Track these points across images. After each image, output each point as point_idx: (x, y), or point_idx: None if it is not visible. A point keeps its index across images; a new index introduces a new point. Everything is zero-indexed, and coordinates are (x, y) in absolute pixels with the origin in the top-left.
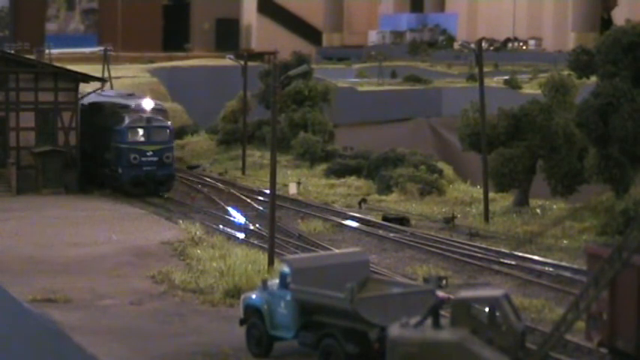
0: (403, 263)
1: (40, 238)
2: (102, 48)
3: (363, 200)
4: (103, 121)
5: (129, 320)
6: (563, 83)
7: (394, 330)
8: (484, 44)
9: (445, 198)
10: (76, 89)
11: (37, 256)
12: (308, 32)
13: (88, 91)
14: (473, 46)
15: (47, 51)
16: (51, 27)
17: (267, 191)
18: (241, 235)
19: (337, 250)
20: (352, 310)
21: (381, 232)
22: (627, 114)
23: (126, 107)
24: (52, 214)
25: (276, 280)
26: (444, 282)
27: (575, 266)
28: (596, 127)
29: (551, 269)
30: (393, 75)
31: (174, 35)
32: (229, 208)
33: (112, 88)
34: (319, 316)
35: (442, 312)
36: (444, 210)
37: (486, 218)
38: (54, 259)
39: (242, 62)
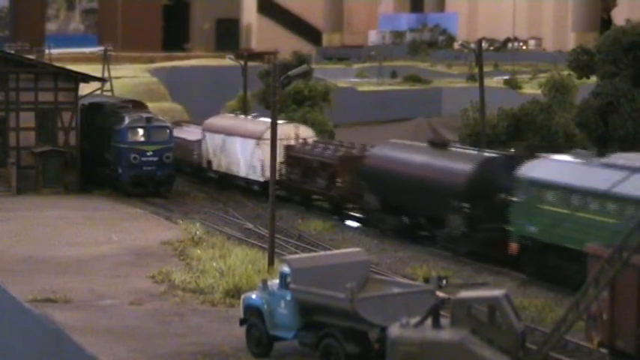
0: (403, 263)
1: (40, 238)
2: (102, 48)
3: None
4: (103, 121)
5: (129, 320)
6: (563, 83)
7: (394, 330)
8: (484, 44)
9: None
10: (76, 89)
11: (37, 256)
12: (308, 32)
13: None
14: (473, 46)
15: (47, 51)
16: (51, 27)
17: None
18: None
19: (337, 250)
20: (352, 310)
21: (381, 231)
22: (627, 114)
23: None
24: (52, 214)
25: (276, 280)
26: (444, 282)
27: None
28: (596, 127)
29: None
30: (393, 75)
31: (174, 35)
32: None
33: (111, 88)
34: (319, 316)
35: (442, 312)
36: None
37: None
38: (54, 259)
39: (242, 62)
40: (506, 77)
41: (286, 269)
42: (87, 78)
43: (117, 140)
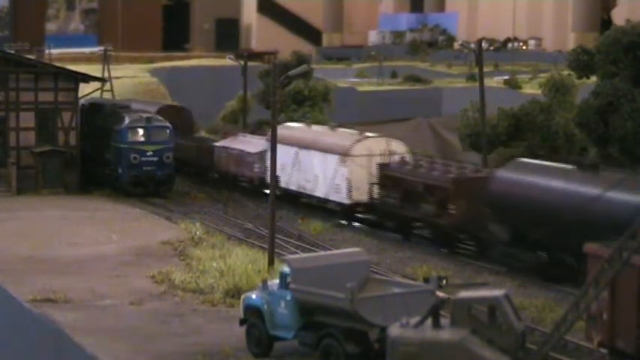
0: (403, 263)
1: (40, 238)
2: (102, 48)
3: None
4: (103, 121)
5: (129, 320)
6: (563, 83)
7: (394, 330)
8: (484, 44)
9: None
10: (76, 89)
11: (37, 256)
12: (308, 32)
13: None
14: (473, 46)
15: (47, 51)
16: (51, 27)
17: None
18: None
19: (337, 250)
20: (352, 310)
21: (381, 231)
22: (627, 114)
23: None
24: (52, 214)
25: (276, 280)
26: (444, 282)
27: None
28: (596, 127)
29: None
30: (393, 75)
31: (174, 35)
32: None
33: (111, 88)
34: (319, 316)
35: (442, 312)
36: None
37: None
38: (54, 259)
39: (242, 62)
40: (506, 77)
41: (286, 269)
42: (87, 78)
43: (117, 140)
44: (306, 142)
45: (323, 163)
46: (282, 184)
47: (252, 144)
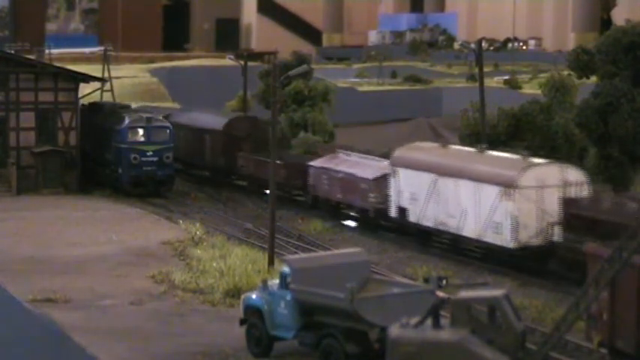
0: (403, 263)
1: (40, 238)
2: (102, 48)
3: None
4: (103, 121)
5: (129, 320)
6: (563, 83)
7: (394, 330)
8: (484, 44)
9: None
10: (76, 89)
11: (37, 256)
12: (308, 32)
13: None
14: (473, 46)
15: (47, 51)
16: (51, 27)
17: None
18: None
19: (337, 250)
20: (352, 310)
21: (381, 231)
22: (627, 114)
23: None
24: (52, 214)
25: (276, 280)
26: (444, 282)
27: None
28: (596, 127)
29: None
30: (393, 75)
31: (174, 35)
32: None
33: (111, 88)
34: (319, 316)
35: (442, 312)
36: None
37: None
38: (54, 259)
39: (242, 62)
40: (506, 77)
41: (286, 269)
42: (87, 78)
43: (117, 140)
44: (448, 168)
45: (475, 195)
46: (412, 219)
47: (365, 167)
